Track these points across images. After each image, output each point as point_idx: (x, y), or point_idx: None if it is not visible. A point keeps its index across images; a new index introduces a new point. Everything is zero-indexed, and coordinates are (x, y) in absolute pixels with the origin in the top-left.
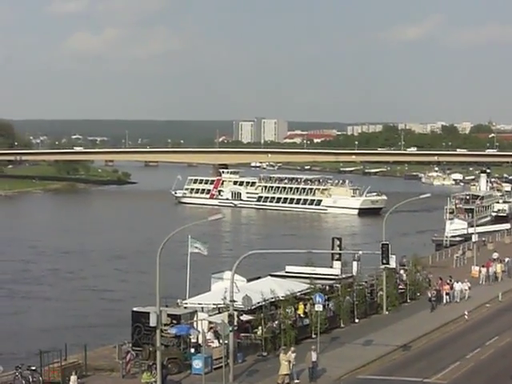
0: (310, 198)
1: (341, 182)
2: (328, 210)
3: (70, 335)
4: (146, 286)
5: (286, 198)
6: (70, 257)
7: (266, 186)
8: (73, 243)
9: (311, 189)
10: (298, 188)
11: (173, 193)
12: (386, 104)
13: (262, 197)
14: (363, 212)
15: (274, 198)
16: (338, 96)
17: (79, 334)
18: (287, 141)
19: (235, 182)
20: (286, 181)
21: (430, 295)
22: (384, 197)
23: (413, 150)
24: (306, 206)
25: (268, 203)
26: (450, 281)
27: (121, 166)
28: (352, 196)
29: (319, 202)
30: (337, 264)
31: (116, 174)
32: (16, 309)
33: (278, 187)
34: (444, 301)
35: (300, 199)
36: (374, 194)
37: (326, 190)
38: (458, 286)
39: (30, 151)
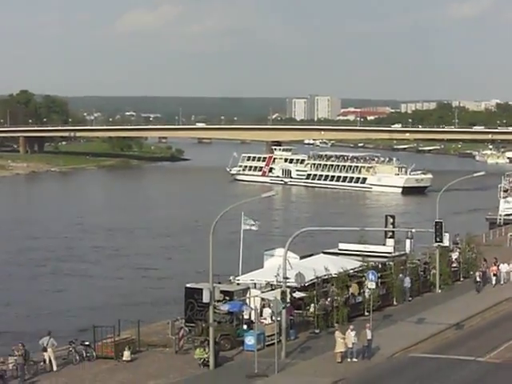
0: (355, 175)
1: (387, 159)
2: (373, 188)
3: (122, 312)
4: (195, 264)
5: (333, 176)
6: (119, 234)
7: (314, 164)
8: (126, 220)
9: (357, 166)
10: (344, 166)
11: (228, 170)
12: (439, 81)
13: (310, 174)
14: (407, 190)
15: (322, 175)
16: (391, 73)
17: (131, 310)
18: (340, 118)
19: (286, 160)
20: (333, 158)
21: (475, 277)
22: (429, 175)
23: (465, 128)
24: (352, 184)
25: (316, 181)
26: (496, 262)
27: (174, 143)
28: (396, 174)
29: (364, 180)
30: (390, 242)
31: (169, 150)
32: (67, 286)
33: (326, 165)
34: (493, 282)
35: (346, 177)
36: (419, 172)
37: (371, 167)
38: (503, 267)
39: (84, 128)
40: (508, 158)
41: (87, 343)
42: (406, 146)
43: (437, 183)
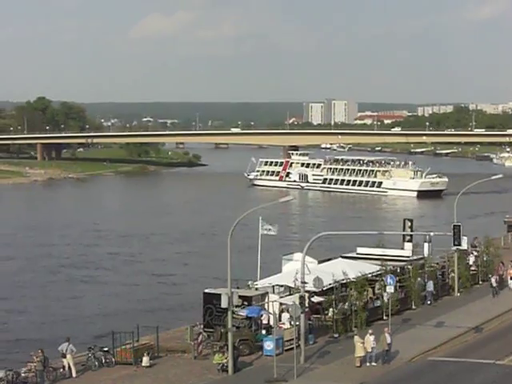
0: (371, 179)
1: (403, 163)
2: (388, 192)
3: (139, 318)
4: (212, 269)
5: (349, 180)
6: (136, 239)
7: (330, 168)
8: (143, 226)
9: (372, 170)
10: (360, 170)
11: (246, 175)
12: (456, 84)
13: (326, 179)
14: (422, 194)
15: (338, 180)
16: (408, 76)
17: (148, 316)
18: (357, 122)
19: (302, 164)
20: (349, 162)
21: (492, 281)
22: (445, 178)
23: (481, 130)
24: (368, 188)
25: (333, 185)
26: None
27: (191, 148)
28: (411, 178)
29: (380, 184)
30: (408, 245)
31: (186, 156)
32: (83, 293)
33: (342, 169)
34: (511, 286)
35: (362, 181)
36: (435, 175)
37: (386, 171)
38: None
39: (102, 134)
40: None
41: (106, 349)
42: (423, 150)
43: (454, 186)
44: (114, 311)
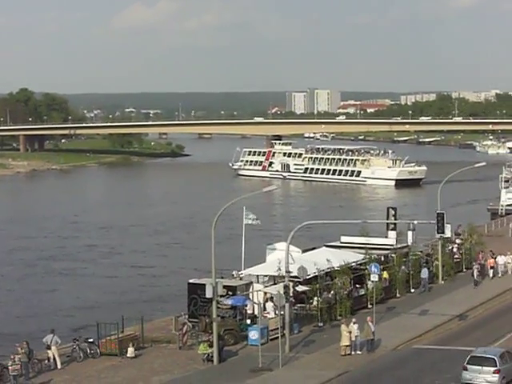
0: (350, 169)
1: (382, 152)
2: (367, 182)
3: (123, 310)
4: (192, 261)
5: (329, 170)
6: (114, 231)
7: (311, 157)
8: (124, 217)
9: (352, 159)
10: (340, 159)
11: (231, 165)
12: (439, 73)
13: (308, 168)
14: (400, 183)
15: (318, 169)
16: (391, 65)
17: (131, 308)
18: (340, 111)
19: (284, 154)
20: (329, 152)
21: (473, 271)
22: (424, 167)
23: (458, 119)
24: (347, 178)
25: (313, 175)
26: (493, 254)
27: (174, 139)
28: (389, 167)
29: (359, 173)
30: (392, 234)
31: (170, 146)
32: (64, 285)
33: (323, 158)
34: (491, 275)
35: (342, 170)
36: (413, 164)
37: (365, 160)
38: (501, 259)
39: (84, 125)
40: (509, 148)
41: (91, 340)
42: (406, 138)
43: (435, 175)
44: (97, 303)
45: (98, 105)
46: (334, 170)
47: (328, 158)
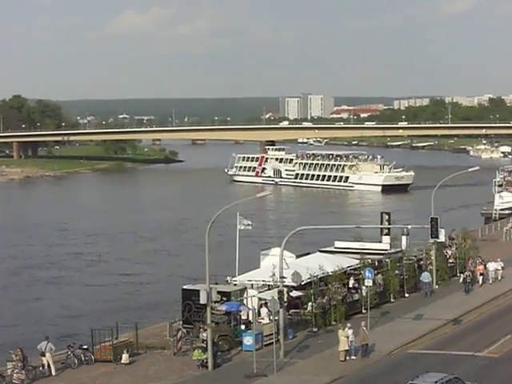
0: (339, 174)
1: (370, 157)
2: (354, 187)
3: (116, 317)
4: (184, 268)
5: (318, 175)
6: (103, 239)
7: (302, 163)
8: (115, 224)
9: (340, 165)
10: (329, 164)
11: (226, 171)
12: (432, 78)
13: (298, 174)
14: (387, 189)
15: (309, 175)
16: (384, 70)
17: (124, 315)
18: (334, 116)
19: (276, 159)
20: (319, 157)
21: (463, 277)
22: (411, 172)
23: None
24: (336, 183)
25: (304, 180)
26: (483, 261)
27: (168, 145)
28: (376, 172)
29: (347, 179)
30: (386, 239)
31: (163, 152)
32: (54, 293)
33: (313, 164)
34: (480, 282)
35: (331, 176)
36: (400, 169)
37: (353, 166)
38: (491, 265)
39: (78, 131)
40: (502, 152)
41: (85, 347)
42: (399, 143)
43: (425, 180)
44: (87, 311)
45: (92, 111)
46: (324, 176)
47: (318, 164)
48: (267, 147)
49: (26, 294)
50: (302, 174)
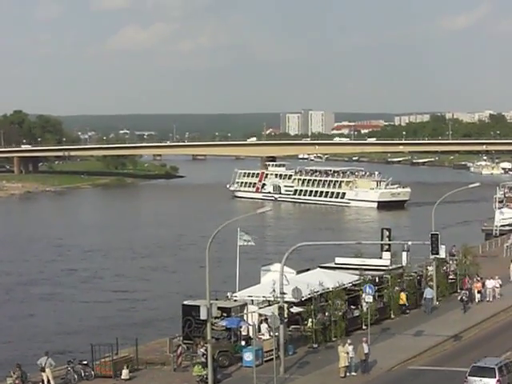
0: (336, 190)
1: (367, 173)
2: (351, 203)
3: (114, 332)
4: (181, 284)
5: (316, 191)
6: (97, 254)
7: (300, 179)
8: (111, 241)
9: (337, 181)
10: (326, 180)
11: (228, 186)
12: (433, 94)
13: (297, 190)
14: (383, 205)
15: (307, 191)
16: (385, 86)
17: (122, 331)
18: (335, 132)
19: (276, 175)
20: (317, 173)
21: (461, 295)
22: (408, 189)
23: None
24: (333, 199)
25: (302, 196)
26: (481, 278)
27: (168, 160)
28: (371, 188)
29: (343, 195)
30: (386, 255)
31: (164, 168)
32: (58, 309)
33: (311, 180)
34: (476, 300)
35: (328, 192)
36: (396, 186)
37: (349, 182)
38: (489, 283)
39: (79, 147)
40: (502, 168)
41: (85, 362)
42: (400, 159)
43: (423, 196)
44: (84, 327)
45: (92, 126)
46: (321, 192)
47: (316, 180)
48: (268, 163)
49: (20, 310)
50: (301, 190)
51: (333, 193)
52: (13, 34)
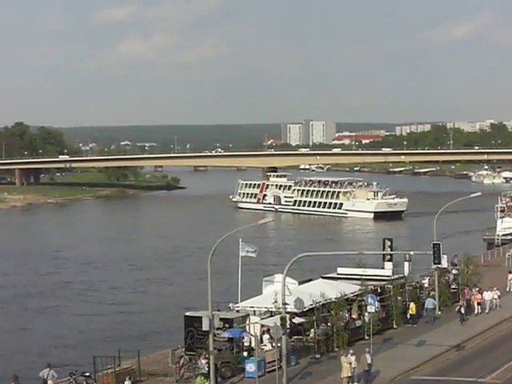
0: (333, 201)
1: (365, 184)
2: (348, 214)
3: (113, 345)
4: (187, 295)
5: (315, 202)
6: (93, 267)
7: (299, 190)
8: (115, 252)
9: (335, 191)
10: (324, 191)
11: (231, 197)
12: (434, 103)
13: (296, 201)
14: (379, 216)
15: (306, 201)
16: (385, 96)
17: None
18: (336, 142)
19: (276, 186)
20: (315, 184)
21: (459, 307)
22: (405, 199)
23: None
24: (330, 210)
25: (301, 207)
26: (480, 290)
27: (170, 172)
28: (368, 199)
29: (341, 206)
30: (388, 265)
31: (165, 179)
32: (54, 322)
33: (309, 190)
34: (476, 311)
35: (326, 203)
36: (393, 196)
37: (347, 192)
38: (487, 295)
39: (80, 158)
40: (504, 177)
41: (87, 374)
42: (401, 169)
43: (420, 206)
44: (80, 340)
45: (94, 138)
46: (320, 203)
47: (314, 191)
48: (269, 174)
49: (17, 323)
50: (300, 201)
51: (331, 203)
52: (14, 45)
